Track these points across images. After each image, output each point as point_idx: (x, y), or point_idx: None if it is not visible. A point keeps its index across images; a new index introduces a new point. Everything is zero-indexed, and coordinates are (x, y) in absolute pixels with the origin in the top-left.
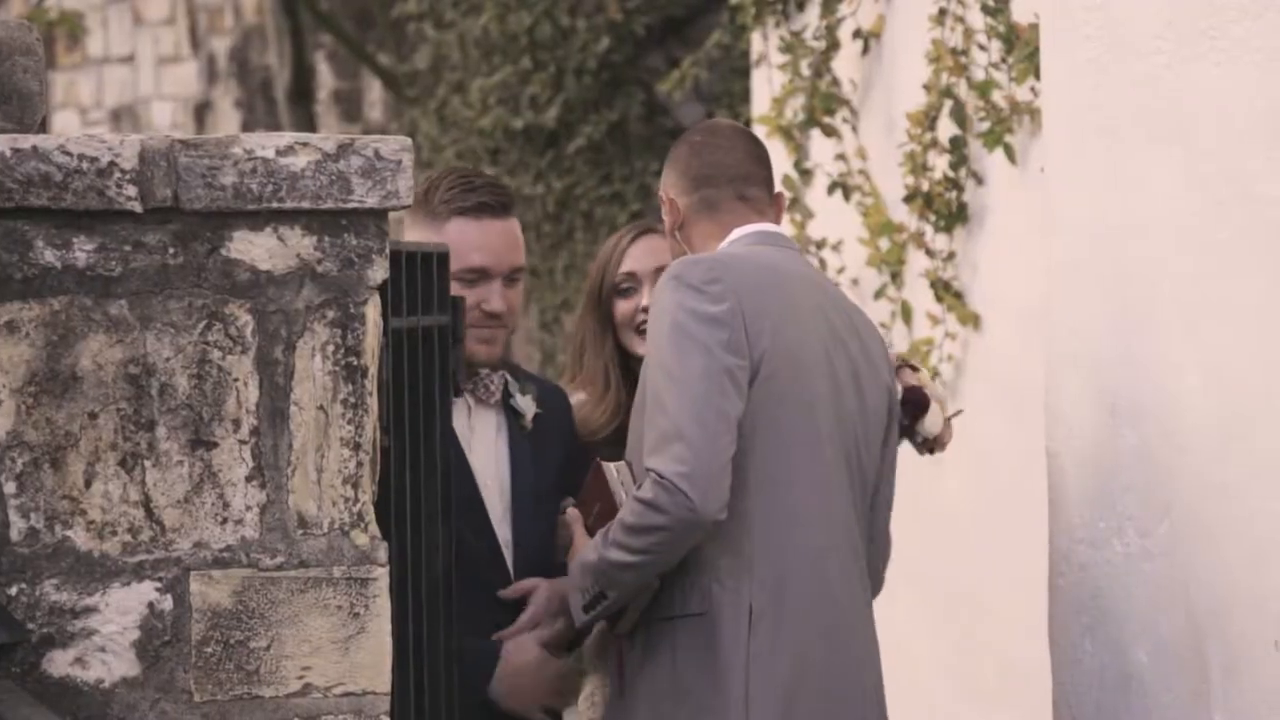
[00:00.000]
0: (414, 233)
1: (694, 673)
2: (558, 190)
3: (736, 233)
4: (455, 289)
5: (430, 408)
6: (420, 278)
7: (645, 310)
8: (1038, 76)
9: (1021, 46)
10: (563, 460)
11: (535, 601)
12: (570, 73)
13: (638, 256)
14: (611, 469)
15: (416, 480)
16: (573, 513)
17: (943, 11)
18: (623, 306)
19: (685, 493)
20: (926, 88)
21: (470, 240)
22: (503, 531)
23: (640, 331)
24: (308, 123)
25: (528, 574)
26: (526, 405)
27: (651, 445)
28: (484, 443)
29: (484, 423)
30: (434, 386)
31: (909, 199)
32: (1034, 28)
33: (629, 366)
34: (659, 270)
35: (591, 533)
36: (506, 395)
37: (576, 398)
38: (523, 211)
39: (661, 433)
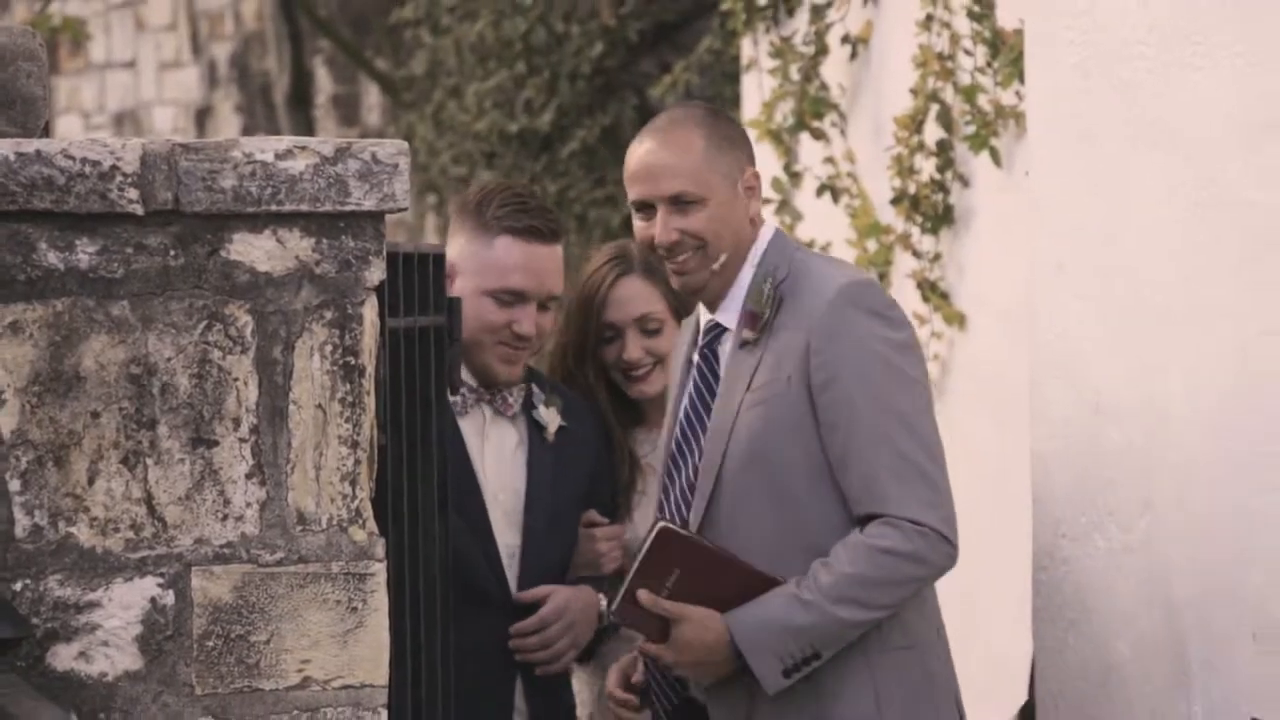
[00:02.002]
0: (460, 238)
1: (905, 706)
2: (552, 193)
3: (767, 226)
4: (490, 306)
5: (427, 406)
6: (417, 279)
7: (628, 362)
8: (1022, 81)
9: (1006, 52)
10: (593, 471)
11: (549, 605)
12: (564, 78)
13: (618, 304)
14: (689, 535)
15: (413, 477)
16: (603, 531)
17: (929, 17)
18: (608, 351)
19: (949, 539)
20: (913, 92)
21: (515, 261)
22: (510, 538)
23: (630, 378)
24: (306, 127)
25: (533, 582)
26: (549, 417)
27: (887, 490)
28: (500, 453)
29: (502, 434)
30: (430, 386)
31: (896, 201)
32: (1019, 33)
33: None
34: (640, 319)
35: (676, 598)
36: (530, 406)
37: None
38: None
39: (899, 476)
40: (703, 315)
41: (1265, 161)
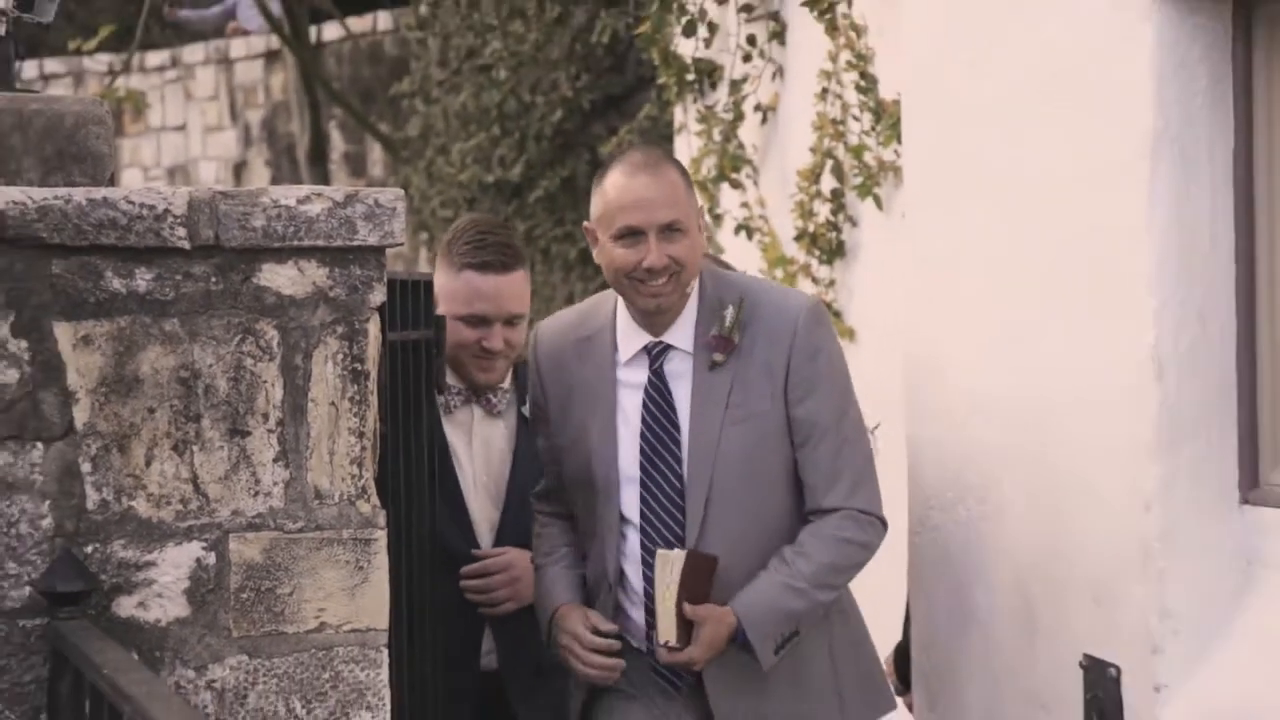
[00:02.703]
0: (440, 273)
1: (846, 655)
2: (521, 231)
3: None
4: (461, 328)
5: (418, 404)
6: (410, 301)
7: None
8: (900, 141)
9: (887, 118)
10: None
11: (495, 559)
12: (531, 138)
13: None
14: (693, 549)
15: (408, 460)
16: None
17: (825, 90)
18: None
19: (885, 523)
20: (812, 150)
21: (475, 291)
22: (492, 514)
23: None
24: (323, 178)
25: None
26: None
27: (847, 487)
28: (487, 446)
29: (489, 429)
30: (421, 387)
31: (799, 238)
32: (896, 103)
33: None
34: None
35: (681, 601)
36: (521, 402)
37: None
38: None
39: (857, 474)
40: (631, 339)
41: (1100, 202)
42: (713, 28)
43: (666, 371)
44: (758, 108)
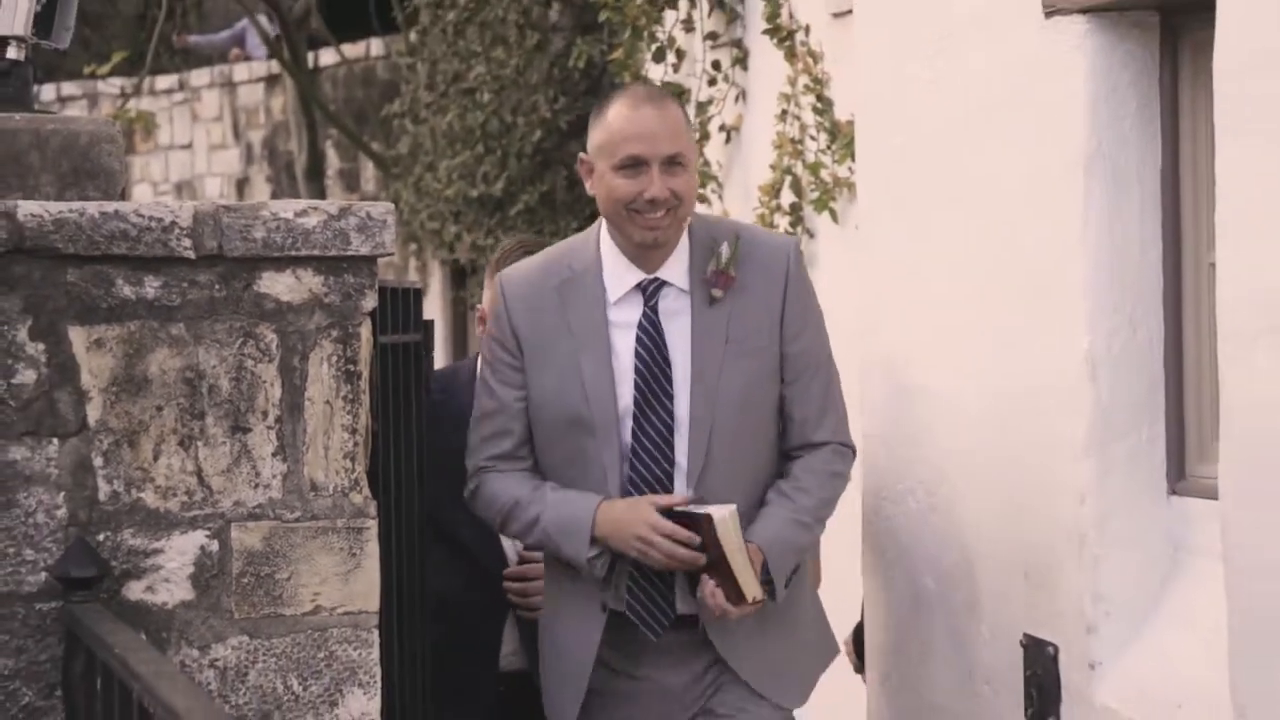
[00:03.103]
0: (490, 286)
1: (814, 596)
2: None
3: None
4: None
5: (408, 402)
6: (400, 306)
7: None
8: (854, 159)
9: (842, 137)
10: None
11: (535, 564)
12: (512, 156)
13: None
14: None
15: (398, 456)
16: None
17: (784, 112)
18: None
19: (855, 453)
20: (773, 167)
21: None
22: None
23: None
24: (320, 194)
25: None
26: None
27: (838, 421)
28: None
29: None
30: (411, 387)
31: None
32: (850, 124)
33: None
34: None
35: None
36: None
37: None
38: (475, 258)
39: (837, 410)
40: (622, 277)
41: (1038, 216)
42: (680, 54)
43: (661, 309)
44: (722, 128)
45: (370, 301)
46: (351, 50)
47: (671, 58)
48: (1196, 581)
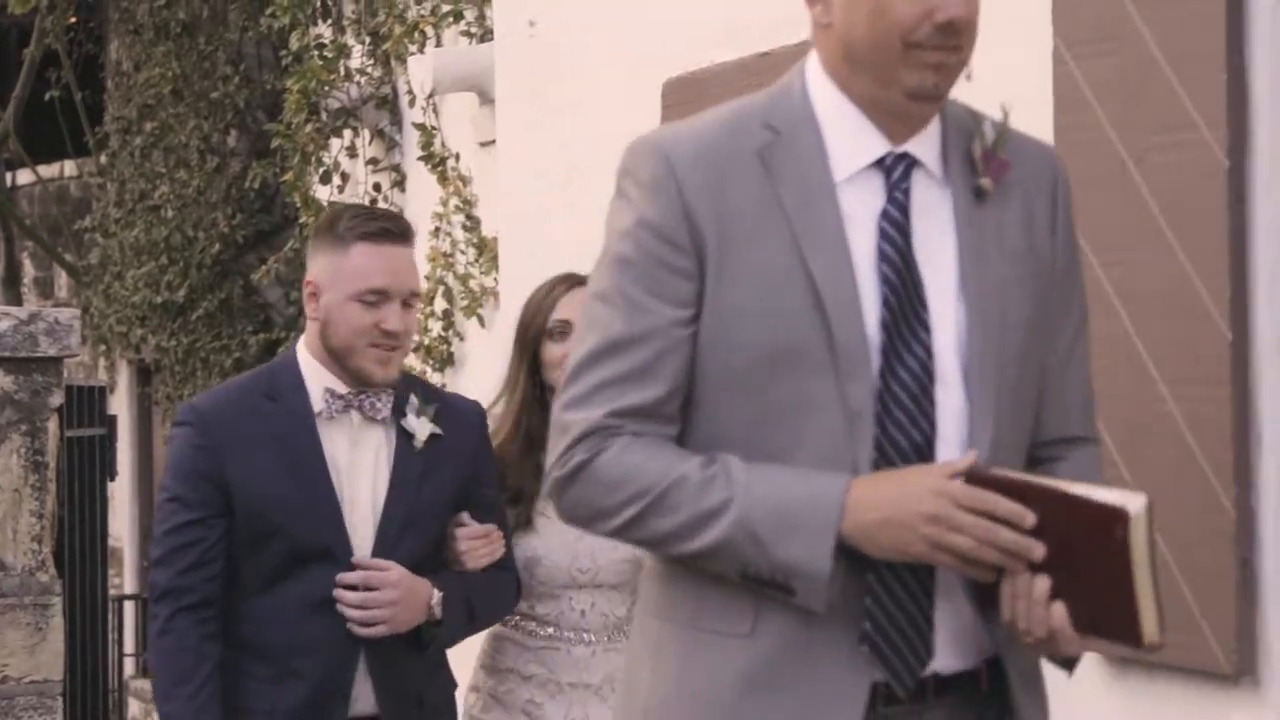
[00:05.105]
0: (319, 260)
1: None
2: (185, 344)
3: None
4: (357, 311)
5: (92, 489)
6: (85, 403)
7: None
8: (498, 270)
9: (487, 251)
10: (466, 475)
11: (379, 572)
12: (194, 267)
13: (572, 306)
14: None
15: (80, 538)
16: (464, 531)
17: (438, 229)
18: (554, 350)
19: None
20: (428, 278)
21: (373, 263)
22: (365, 546)
23: None
24: (16, 300)
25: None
26: (419, 426)
27: (1091, 414)
28: (363, 460)
29: (369, 439)
30: (95, 474)
31: (415, 350)
32: (495, 240)
33: (545, 401)
34: None
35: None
36: (401, 415)
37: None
38: (159, 358)
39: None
40: (854, 146)
41: None
42: (345, 177)
43: (914, 200)
44: None
45: (57, 398)
46: (47, 170)
47: (337, 180)
48: None
